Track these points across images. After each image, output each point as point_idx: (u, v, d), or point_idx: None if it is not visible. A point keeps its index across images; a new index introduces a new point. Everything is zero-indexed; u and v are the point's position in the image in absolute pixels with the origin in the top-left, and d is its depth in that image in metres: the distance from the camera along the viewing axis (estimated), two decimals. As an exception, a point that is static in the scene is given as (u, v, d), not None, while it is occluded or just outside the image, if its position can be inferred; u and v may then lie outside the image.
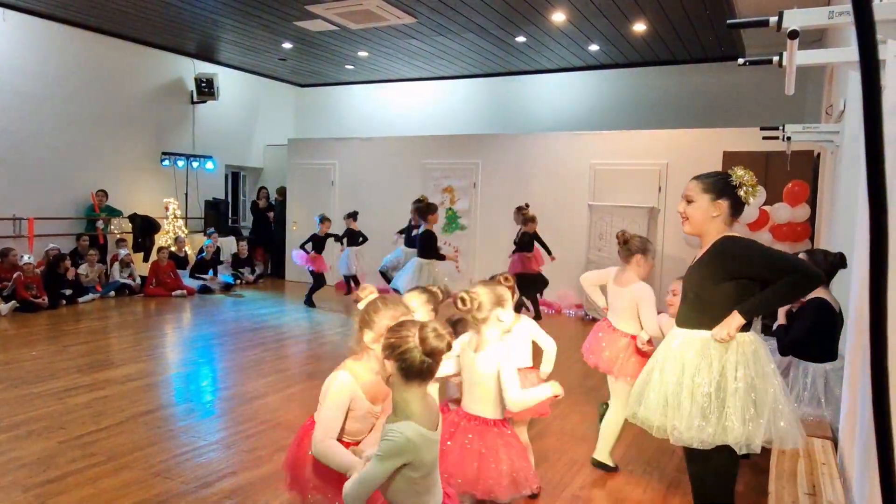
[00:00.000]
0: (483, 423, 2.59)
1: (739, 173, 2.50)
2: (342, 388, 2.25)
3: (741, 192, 2.49)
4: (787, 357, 4.01)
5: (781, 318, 4.15)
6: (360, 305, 2.40)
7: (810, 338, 3.86)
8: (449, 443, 2.55)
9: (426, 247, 7.50)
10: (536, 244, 8.43)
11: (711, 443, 2.39)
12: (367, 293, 2.44)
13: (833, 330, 3.90)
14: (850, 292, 3.14)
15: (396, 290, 6.96)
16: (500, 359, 2.56)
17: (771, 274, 2.43)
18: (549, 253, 8.54)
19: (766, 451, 3.46)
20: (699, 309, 2.53)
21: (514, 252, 8.39)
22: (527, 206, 8.73)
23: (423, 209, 7.69)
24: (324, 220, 9.40)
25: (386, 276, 8.86)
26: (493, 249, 10.15)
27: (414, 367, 1.87)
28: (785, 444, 2.42)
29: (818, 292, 3.96)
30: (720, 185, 2.53)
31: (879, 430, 0.65)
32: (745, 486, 3.78)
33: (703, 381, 2.43)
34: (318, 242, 9.38)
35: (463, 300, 2.57)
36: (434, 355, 1.88)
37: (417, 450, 1.85)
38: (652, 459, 4.14)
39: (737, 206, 2.52)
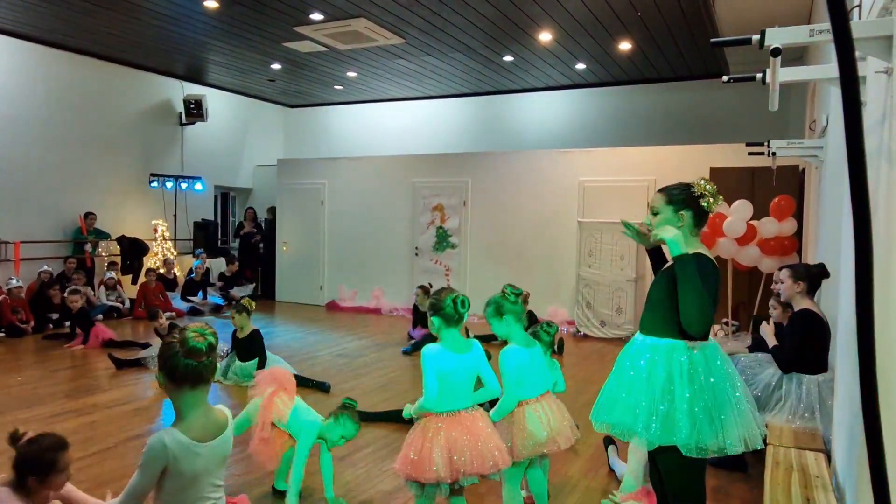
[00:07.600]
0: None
1: (701, 183, 2.58)
2: None
3: (703, 203, 2.55)
4: (779, 371, 4.02)
5: (772, 339, 4.16)
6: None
7: (804, 349, 3.88)
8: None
9: None
10: None
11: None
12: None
13: (823, 340, 3.92)
14: (838, 306, 3.17)
15: None
16: None
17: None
18: None
19: (760, 464, 3.46)
20: (667, 317, 2.53)
21: None
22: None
23: None
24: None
25: None
26: (483, 267, 10.16)
27: (178, 371, 1.85)
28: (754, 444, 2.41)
29: (805, 303, 3.99)
30: (683, 196, 2.61)
31: (870, 439, 0.65)
32: (740, 500, 3.78)
33: (674, 385, 2.44)
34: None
35: None
36: (194, 356, 1.85)
37: (175, 458, 1.82)
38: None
39: (699, 216, 2.59)
